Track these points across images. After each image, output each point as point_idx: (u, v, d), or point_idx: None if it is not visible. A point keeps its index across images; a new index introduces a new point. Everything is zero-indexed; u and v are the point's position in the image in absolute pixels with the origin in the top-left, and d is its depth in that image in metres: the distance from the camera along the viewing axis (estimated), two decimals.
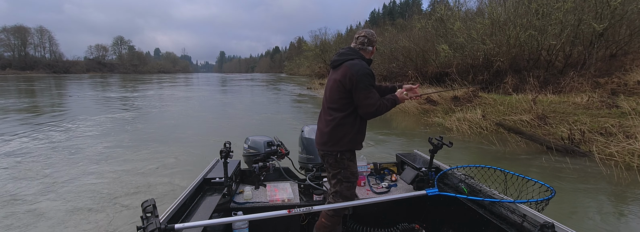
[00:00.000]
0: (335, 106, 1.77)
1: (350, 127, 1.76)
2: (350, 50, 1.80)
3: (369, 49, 1.83)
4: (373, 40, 1.83)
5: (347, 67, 1.70)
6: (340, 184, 1.81)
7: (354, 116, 1.77)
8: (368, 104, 1.68)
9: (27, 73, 56.95)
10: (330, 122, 1.77)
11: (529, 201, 1.57)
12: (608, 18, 9.30)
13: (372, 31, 1.87)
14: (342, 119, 1.75)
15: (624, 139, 5.04)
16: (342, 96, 1.73)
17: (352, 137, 1.78)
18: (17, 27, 65.74)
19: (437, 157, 2.26)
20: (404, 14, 40.38)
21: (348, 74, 1.68)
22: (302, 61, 43.92)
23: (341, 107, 1.75)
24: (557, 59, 11.03)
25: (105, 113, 10.30)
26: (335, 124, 1.76)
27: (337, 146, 1.77)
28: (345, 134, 1.76)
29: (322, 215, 1.85)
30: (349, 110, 1.75)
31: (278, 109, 12.29)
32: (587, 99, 7.48)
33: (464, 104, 8.84)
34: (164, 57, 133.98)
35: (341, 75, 1.71)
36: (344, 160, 1.79)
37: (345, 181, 1.80)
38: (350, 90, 1.70)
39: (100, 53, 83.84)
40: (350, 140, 1.78)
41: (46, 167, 4.67)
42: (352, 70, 1.67)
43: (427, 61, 15.01)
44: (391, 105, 1.76)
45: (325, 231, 1.85)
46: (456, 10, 14.73)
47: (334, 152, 1.78)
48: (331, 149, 1.78)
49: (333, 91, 1.77)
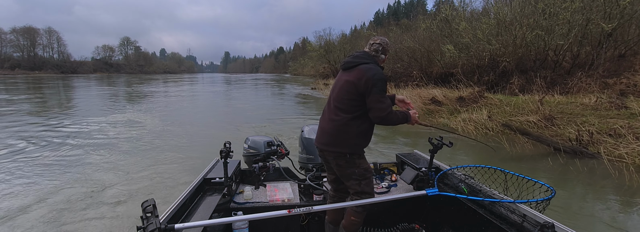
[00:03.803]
0: (342, 107, 1.75)
1: (356, 129, 1.75)
2: (365, 55, 1.80)
3: (382, 57, 1.85)
4: (387, 49, 1.85)
5: (363, 70, 1.70)
6: (358, 183, 1.79)
7: (362, 119, 1.75)
8: (380, 108, 1.67)
9: (36, 73, 57.84)
10: (336, 122, 1.75)
11: (529, 201, 1.57)
12: (617, 18, 9.14)
13: (387, 40, 1.88)
14: (349, 120, 1.74)
15: (633, 141, 4.94)
16: (352, 98, 1.72)
17: (357, 140, 1.76)
18: (26, 28, 66.86)
19: (437, 157, 2.24)
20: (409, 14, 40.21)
21: (364, 77, 1.67)
22: (307, 62, 43.99)
23: (349, 108, 1.73)
24: (565, 59, 10.87)
25: (107, 112, 10.40)
26: (340, 124, 1.74)
27: (343, 147, 1.75)
28: (351, 135, 1.75)
29: (350, 213, 1.83)
30: (357, 112, 1.73)
31: (281, 109, 12.30)
32: (595, 99, 7.35)
33: (470, 104, 8.75)
34: (170, 58, 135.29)
35: (355, 78, 1.70)
36: (354, 159, 1.78)
37: (362, 179, 1.79)
38: (362, 93, 1.69)
39: (107, 53, 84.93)
40: (356, 143, 1.76)
41: (44, 166, 4.71)
42: (368, 73, 1.67)
43: (432, 61, 14.90)
44: (402, 119, 1.77)
45: (355, 228, 1.85)
46: (461, 10, 14.60)
47: (343, 153, 1.75)
48: (337, 149, 1.76)
49: (343, 91, 1.75)
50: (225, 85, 32.43)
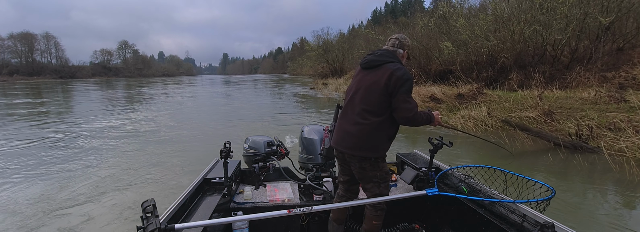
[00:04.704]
0: (372, 109, 1.69)
1: (386, 133, 1.72)
2: (389, 53, 1.77)
3: (400, 52, 1.80)
4: (404, 44, 1.81)
5: (390, 69, 1.66)
6: (378, 186, 1.78)
7: (390, 122, 1.71)
8: (407, 108, 1.63)
9: (34, 79, 57.79)
10: (366, 125, 1.69)
11: (529, 201, 1.56)
12: (614, 11, 9.14)
13: (405, 36, 1.85)
14: (380, 124, 1.68)
15: (633, 134, 4.94)
16: (382, 100, 1.66)
17: (387, 144, 1.75)
18: (23, 34, 66.71)
19: (437, 157, 2.24)
20: (407, 12, 40.24)
21: (393, 77, 1.63)
22: (305, 61, 43.90)
23: (379, 110, 1.68)
24: (563, 53, 10.87)
25: (107, 114, 10.39)
26: (371, 129, 1.69)
27: (372, 152, 1.71)
28: (382, 140, 1.72)
29: (371, 218, 1.81)
30: (386, 114, 1.69)
31: (280, 109, 12.29)
32: (594, 93, 7.35)
33: (469, 101, 8.74)
34: (168, 61, 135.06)
35: (384, 77, 1.65)
36: (379, 162, 1.76)
37: (382, 182, 1.78)
38: (391, 94, 1.65)
39: (105, 58, 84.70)
40: (384, 147, 1.75)
41: (44, 165, 4.71)
42: (397, 73, 1.64)
43: (431, 59, 14.89)
44: (426, 120, 1.73)
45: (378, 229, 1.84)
46: (459, 7, 14.59)
47: (369, 157, 1.72)
48: (364, 154, 1.72)
49: (372, 93, 1.69)
50: (224, 86, 32.43)
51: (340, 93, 16.78)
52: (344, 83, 20.18)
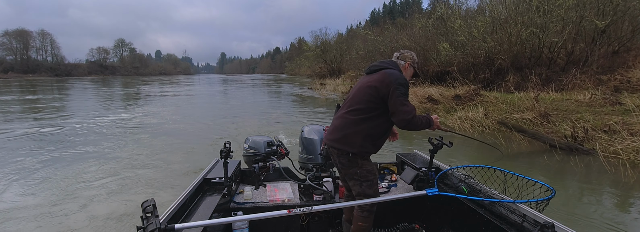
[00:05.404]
0: (358, 107, 1.75)
1: (365, 131, 1.73)
2: (391, 62, 1.87)
3: (402, 63, 1.90)
4: (406, 57, 1.92)
5: (385, 73, 1.73)
6: (359, 184, 1.79)
7: (375, 123, 1.74)
8: (405, 110, 1.65)
9: (30, 76, 57.23)
10: (348, 120, 1.76)
11: (529, 201, 1.57)
12: (610, 14, 9.23)
13: (411, 51, 1.97)
14: (362, 121, 1.73)
15: (628, 137, 4.99)
16: (370, 100, 1.72)
17: (363, 142, 1.74)
18: (19, 31, 66.03)
19: (437, 157, 2.25)
20: (404, 13, 40.29)
21: (386, 80, 1.69)
22: (303, 61, 43.91)
23: (366, 109, 1.73)
24: (559, 56, 10.96)
25: (105, 113, 10.33)
26: (351, 123, 1.75)
27: (347, 146, 1.74)
28: (358, 136, 1.74)
29: (357, 219, 1.81)
30: (371, 114, 1.73)
31: (279, 109, 12.28)
32: (589, 96, 7.42)
33: (466, 102, 8.79)
34: (165, 59, 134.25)
35: (377, 81, 1.71)
36: (357, 159, 1.77)
37: (364, 181, 1.78)
38: (383, 97, 1.69)
39: (102, 56, 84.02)
40: (361, 144, 1.74)
41: (44, 165, 4.68)
42: (391, 77, 1.69)
43: (428, 60, 14.95)
44: (426, 123, 1.75)
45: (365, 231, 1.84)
46: (456, 8, 14.67)
47: (346, 151, 1.75)
48: (341, 147, 1.75)
49: (362, 92, 1.76)
50: (222, 85, 32.32)
51: (338, 93, 16.80)
52: (342, 83, 20.21)
